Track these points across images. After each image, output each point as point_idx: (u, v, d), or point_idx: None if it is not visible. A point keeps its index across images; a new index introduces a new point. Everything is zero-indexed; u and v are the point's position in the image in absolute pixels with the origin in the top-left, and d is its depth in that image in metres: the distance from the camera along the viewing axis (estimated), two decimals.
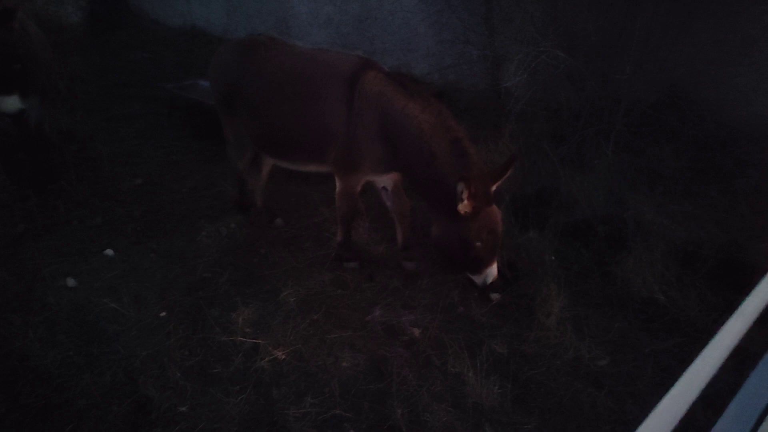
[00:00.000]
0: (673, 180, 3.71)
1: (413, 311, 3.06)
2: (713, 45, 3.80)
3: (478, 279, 2.90)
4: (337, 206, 3.25)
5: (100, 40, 7.84)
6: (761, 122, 3.72)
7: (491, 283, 2.91)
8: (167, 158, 4.83)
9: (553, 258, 3.33)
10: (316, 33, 6.39)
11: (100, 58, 7.26)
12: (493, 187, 2.79)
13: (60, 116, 5.42)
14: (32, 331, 2.87)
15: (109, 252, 3.54)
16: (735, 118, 3.82)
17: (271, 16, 7.03)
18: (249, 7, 7.32)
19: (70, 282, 3.25)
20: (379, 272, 3.37)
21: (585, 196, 3.67)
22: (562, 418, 2.46)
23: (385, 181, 3.25)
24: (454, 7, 4.82)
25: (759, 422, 1.08)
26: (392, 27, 5.73)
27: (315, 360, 2.72)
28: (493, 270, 2.88)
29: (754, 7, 3.60)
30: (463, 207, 2.65)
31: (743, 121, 3.79)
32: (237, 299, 3.09)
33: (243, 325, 2.91)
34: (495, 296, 3.15)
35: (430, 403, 2.48)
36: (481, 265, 2.84)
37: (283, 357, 2.71)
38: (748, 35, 3.69)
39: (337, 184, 3.19)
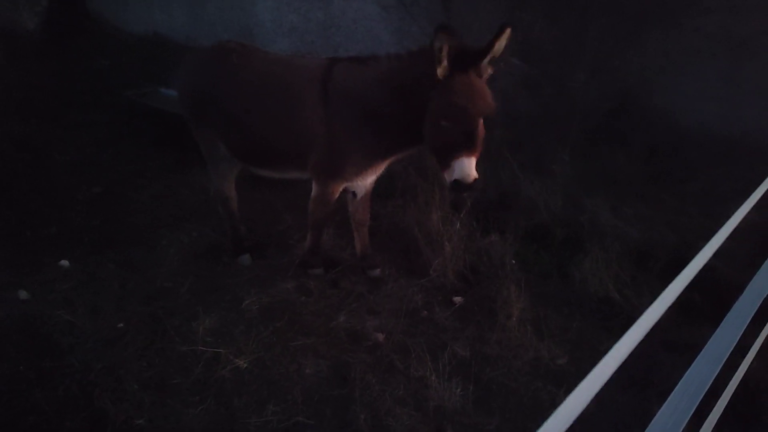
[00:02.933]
0: (627, 184, 3.84)
1: (378, 316, 3.07)
2: (661, 55, 3.96)
3: (447, 175, 2.45)
4: (310, 211, 3.17)
5: (58, 47, 7.63)
6: (707, 129, 3.89)
7: (464, 185, 2.39)
8: (127, 167, 4.72)
9: (514, 261, 3.40)
10: (281, 41, 6.37)
11: (58, 64, 7.06)
12: (484, 59, 2.39)
13: (13, 124, 5.25)
14: None
15: (65, 263, 3.44)
16: (683, 125, 3.98)
17: (235, 23, 6.97)
18: (212, 14, 7.25)
19: (22, 294, 3.14)
20: (343, 278, 3.37)
21: (544, 200, 3.76)
22: (522, 417, 2.51)
23: (359, 186, 3.19)
24: (414, 15, 4.89)
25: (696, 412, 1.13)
26: (356, 35, 5.76)
27: (278, 368, 2.70)
28: (464, 165, 2.37)
29: (698, 19, 3.77)
30: (442, 70, 2.35)
31: (691, 128, 3.95)
32: (198, 308, 3.04)
33: (204, 334, 2.86)
34: (458, 299, 3.19)
35: (392, 408, 2.49)
36: (449, 154, 2.42)
37: (245, 365, 2.68)
38: (693, 45, 3.86)
39: (314, 189, 3.10)
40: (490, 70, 2.48)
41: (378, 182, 4.11)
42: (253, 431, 2.37)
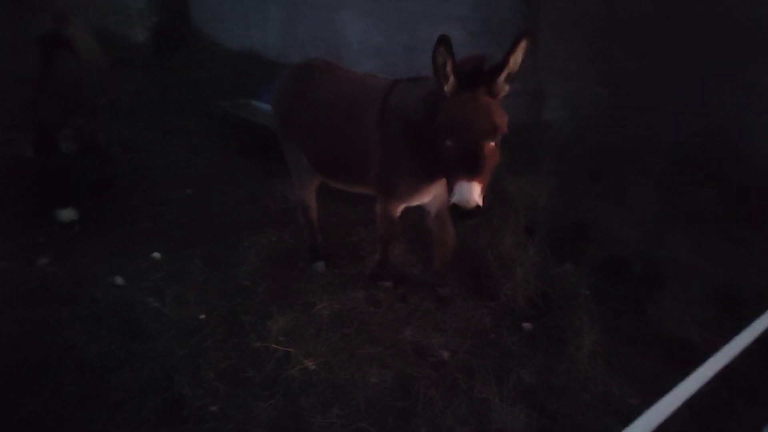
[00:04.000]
0: (713, 222, 3.66)
1: (443, 334, 3.09)
2: (760, 91, 3.77)
3: (450, 196, 2.30)
4: (377, 227, 3.28)
5: (163, 59, 8.31)
6: None
7: (462, 211, 2.21)
8: (216, 172, 5.06)
9: (588, 292, 3.32)
10: (366, 61, 6.61)
11: (162, 75, 7.70)
12: (498, 77, 2.29)
13: (121, 127, 5.77)
14: (79, 323, 3.05)
15: (157, 255, 3.72)
16: None
17: (324, 43, 7.32)
18: (303, 34, 7.65)
19: (118, 280, 3.43)
20: (412, 293, 3.42)
21: (623, 232, 3.66)
22: None
23: (431, 205, 3.24)
24: (500, 42, 4.94)
25: None
26: None
27: (344, 373, 2.77)
28: (463, 189, 2.20)
29: None
30: (449, 86, 2.31)
31: None
32: (273, 308, 3.20)
33: (277, 333, 3.00)
34: (527, 326, 3.16)
35: (454, 425, 2.50)
36: (452, 176, 2.29)
37: (313, 367, 2.78)
38: None
39: (377, 206, 3.20)
40: (507, 89, 2.34)
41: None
42: (317, 431, 2.45)
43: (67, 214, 3.63)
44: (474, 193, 2.19)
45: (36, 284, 3.40)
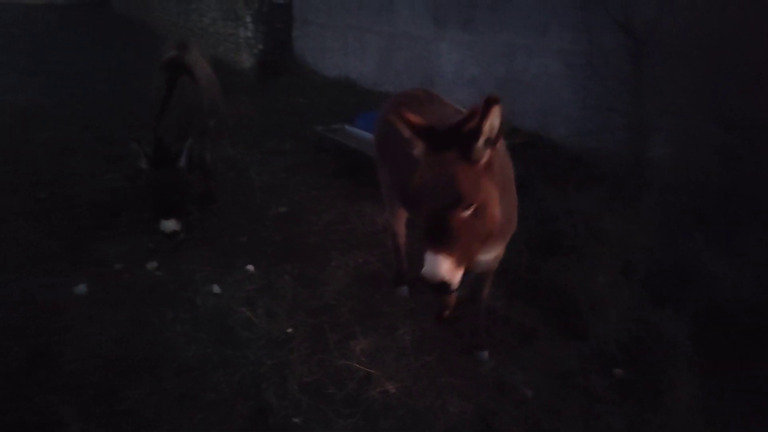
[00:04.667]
0: None
1: (527, 371, 2.99)
2: None
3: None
4: None
5: (267, 84, 8.89)
6: None
7: (427, 283, 2.04)
8: (309, 192, 5.29)
9: (688, 342, 3.08)
10: (459, 91, 6.68)
11: (264, 99, 8.23)
12: (474, 143, 2.00)
13: (225, 147, 6.21)
14: (180, 325, 3.28)
15: (250, 268, 3.93)
16: None
17: (419, 73, 7.50)
18: (399, 63, 7.88)
19: (216, 289, 3.65)
20: (496, 327, 3.35)
21: (730, 280, 3.37)
22: None
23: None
24: (602, 75, 4.81)
25: None
26: (535, 90, 5.83)
27: (423, 400, 2.76)
28: (426, 260, 2.02)
29: None
30: (417, 148, 2.17)
31: None
32: (356, 329, 3.26)
33: (359, 353, 3.06)
34: (618, 371, 2.98)
35: None
36: (423, 243, 2.14)
37: (394, 391, 2.79)
38: None
39: None
40: (488, 153, 2.06)
41: (542, 237, 4.09)
42: None
43: (170, 225, 3.94)
44: (438, 266, 1.98)
45: (144, 286, 3.71)
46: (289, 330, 3.26)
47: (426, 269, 2.01)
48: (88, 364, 2.96)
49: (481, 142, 2.00)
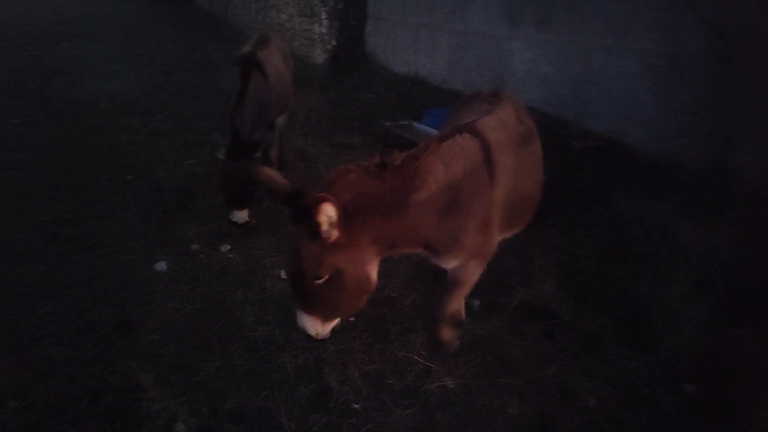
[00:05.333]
0: None
1: (591, 380, 2.92)
2: None
3: None
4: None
5: (337, 79, 9.07)
6: None
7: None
8: None
9: None
10: (530, 90, 6.56)
11: (335, 94, 8.40)
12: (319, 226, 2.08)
13: (296, 138, 6.41)
14: (249, 306, 3.44)
15: None
16: None
17: (489, 71, 7.42)
18: (470, 61, 7.83)
19: (283, 274, 3.79)
20: (559, 331, 3.29)
21: None
22: None
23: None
24: (686, 77, 4.59)
25: None
26: (611, 92, 5.64)
27: (482, 398, 2.76)
28: (299, 316, 2.35)
29: None
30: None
31: None
32: (417, 322, 3.30)
33: (419, 347, 3.09)
34: (689, 388, 2.86)
35: None
36: None
37: (452, 386, 2.81)
38: None
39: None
40: (334, 233, 2.09)
41: (612, 244, 3.96)
42: None
43: (242, 216, 4.13)
44: (302, 322, 2.31)
45: (218, 267, 3.91)
46: (352, 319, 3.33)
47: (298, 322, 2.33)
48: (166, 336, 3.17)
49: (324, 228, 2.05)
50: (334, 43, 10.35)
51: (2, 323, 3.22)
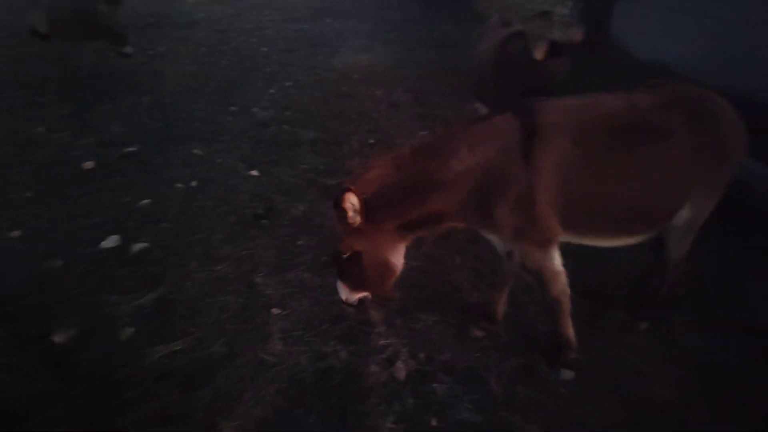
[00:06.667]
0: None
1: None
2: None
3: None
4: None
5: (577, 63, 8.68)
6: None
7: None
8: None
9: None
10: None
11: (573, 77, 8.08)
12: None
13: None
14: (466, 272, 3.76)
15: None
16: None
17: (758, 65, 6.37)
18: (732, 53, 6.81)
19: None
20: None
21: None
22: None
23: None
24: None
25: None
26: None
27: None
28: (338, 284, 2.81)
29: None
30: None
31: None
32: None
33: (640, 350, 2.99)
34: None
35: None
36: None
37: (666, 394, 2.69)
38: None
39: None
40: (358, 219, 2.49)
41: None
42: None
43: None
44: (338, 285, 2.77)
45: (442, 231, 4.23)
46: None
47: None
48: (398, 283, 3.60)
49: (350, 213, 2.45)
50: (576, 24, 9.88)
51: (271, 247, 4.01)
